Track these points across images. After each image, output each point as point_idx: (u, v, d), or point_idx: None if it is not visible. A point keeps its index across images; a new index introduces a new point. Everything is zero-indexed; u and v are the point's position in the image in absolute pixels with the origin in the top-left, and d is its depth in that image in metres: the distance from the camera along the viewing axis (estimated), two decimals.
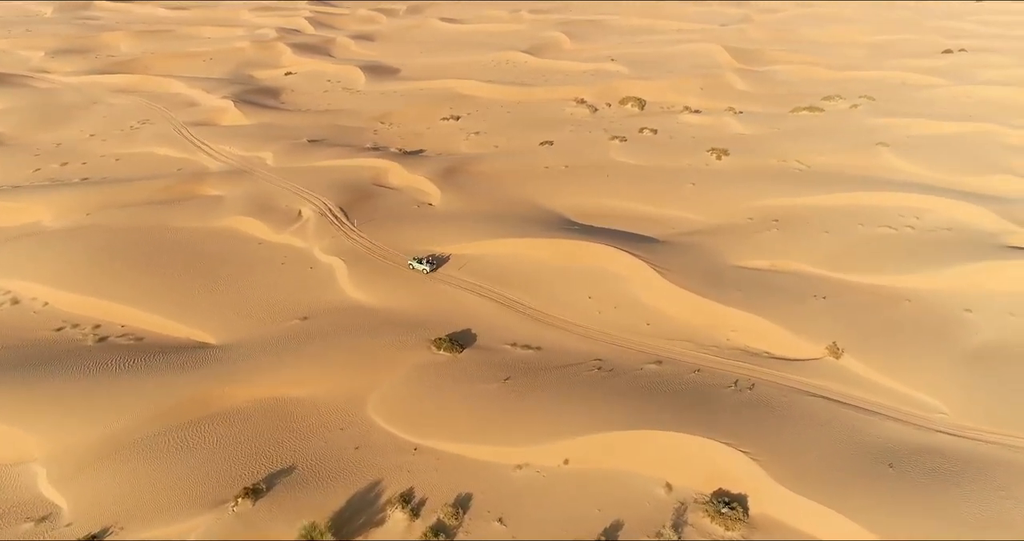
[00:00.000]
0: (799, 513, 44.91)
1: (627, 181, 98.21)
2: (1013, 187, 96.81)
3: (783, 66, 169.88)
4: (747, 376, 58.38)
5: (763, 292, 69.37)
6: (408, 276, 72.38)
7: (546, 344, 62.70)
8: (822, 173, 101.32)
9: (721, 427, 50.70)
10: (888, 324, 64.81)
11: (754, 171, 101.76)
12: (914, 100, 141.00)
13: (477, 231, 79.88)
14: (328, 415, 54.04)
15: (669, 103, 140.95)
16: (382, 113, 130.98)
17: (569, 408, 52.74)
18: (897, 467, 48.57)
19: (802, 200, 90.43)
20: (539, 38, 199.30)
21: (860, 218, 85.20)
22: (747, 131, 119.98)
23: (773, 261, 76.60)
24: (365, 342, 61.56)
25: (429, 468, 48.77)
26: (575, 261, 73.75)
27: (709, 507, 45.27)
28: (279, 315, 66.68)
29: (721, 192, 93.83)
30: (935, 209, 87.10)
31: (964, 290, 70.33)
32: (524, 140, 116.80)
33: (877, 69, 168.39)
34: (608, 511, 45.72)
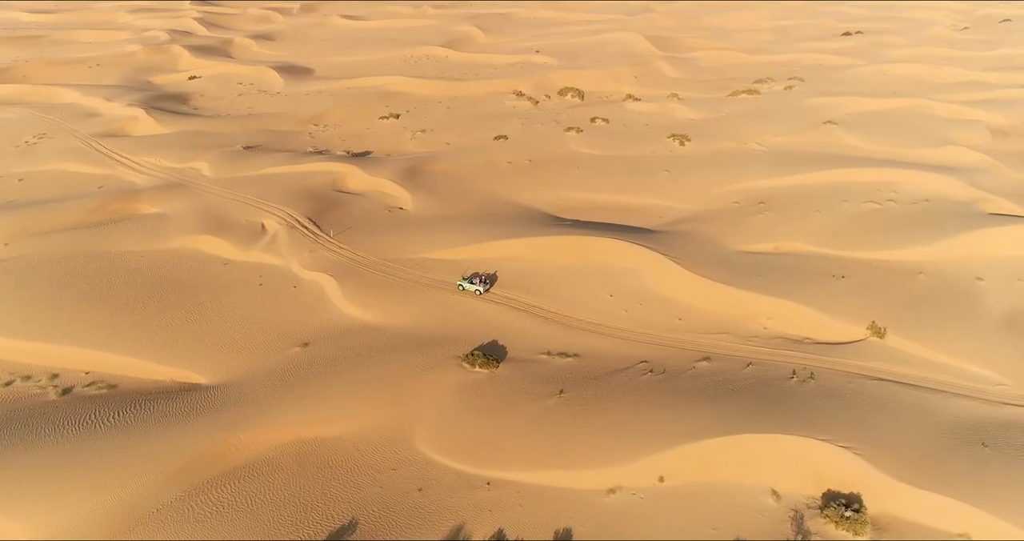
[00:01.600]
0: (924, 508, 42.15)
1: (598, 172, 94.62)
2: (964, 158, 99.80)
3: (702, 52, 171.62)
4: (802, 365, 55.60)
5: (781, 276, 67.19)
6: (407, 288, 65.62)
7: (583, 350, 57.85)
8: (784, 153, 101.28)
9: (806, 423, 47.43)
10: (914, 299, 63.93)
11: (720, 155, 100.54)
12: (839, 80, 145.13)
13: (467, 234, 73.83)
14: (372, 455, 47.01)
15: (607, 92, 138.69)
16: (313, 115, 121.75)
17: (644, 418, 48.13)
18: (991, 446, 46.88)
19: (779, 181, 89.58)
20: (452, 33, 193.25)
21: (842, 195, 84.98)
22: (696, 116, 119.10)
23: (776, 244, 74.88)
24: (386, 366, 54.64)
25: (512, 504, 42.89)
26: (583, 258, 69.15)
27: (830, 512, 41.75)
28: (274, 344, 58.56)
29: (697, 178, 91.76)
30: (907, 182, 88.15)
31: (969, 259, 70.69)
32: (475, 136, 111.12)
33: (789, 52, 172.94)
34: (724, 530, 41.44)
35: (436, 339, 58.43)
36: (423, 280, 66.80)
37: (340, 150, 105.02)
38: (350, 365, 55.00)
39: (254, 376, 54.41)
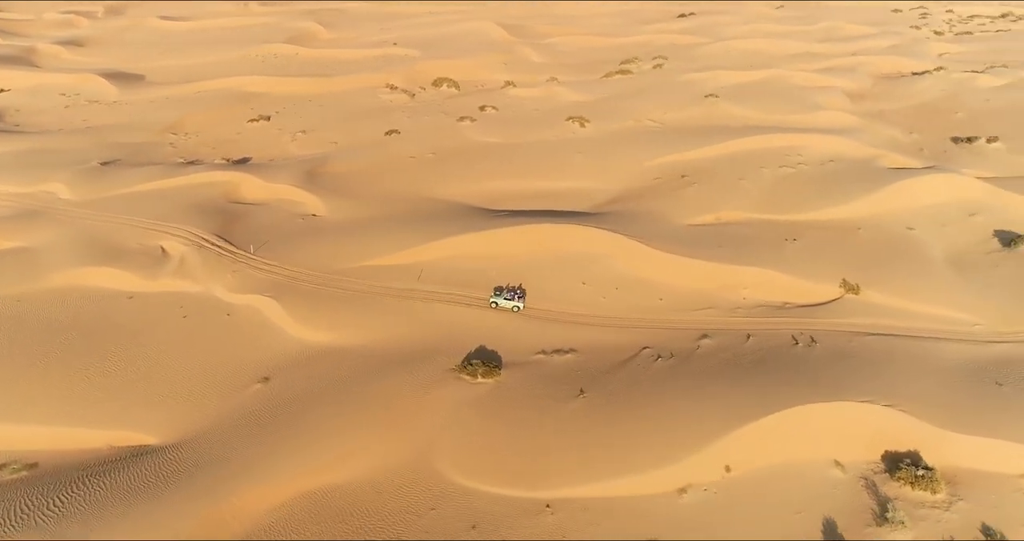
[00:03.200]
0: (979, 454, 42.16)
1: (511, 160, 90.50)
2: (840, 120, 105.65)
3: (558, 38, 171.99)
4: (797, 330, 54.98)
5: (740, 245, 66.74)
6: (363, 301, 58.22)
7: (577, 344, 53.81)
8: (682, 128, 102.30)
9: (838, 387, 46.39)
10: (867, 254, 65.55)
11: (623, 134, 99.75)
12: (697, 57, 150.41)
13: (405, 236, 67.12)
14: (399, 496, 40.24)
15: (482, 81, 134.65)
16: (168, 124, 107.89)
17: (682, 408, 44.88)
18: (1006, 384, 48.08)
19: (692, 154, 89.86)
20: (291, 30, 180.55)
21: (757, 162, 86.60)
22: (582, 98, 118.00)
23: (717, 214, 74.64)
24: (374, 391, 47.63)
25: (583, 523, 38.05)
26: (544, 248, 64.81)
27: (903, 474, 40.62)
28: (227, 384, 49.49)
29: (612, 157, 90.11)
30: (808, 146, 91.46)
31: (895, 212, 73.89)
32: (363, 133, 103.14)
33: (639, 34, 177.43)
34: (808, 512, 39.12)
35: (419, 353, 51.88)
36: (377, 290, 59.58)
37: (216, 158, 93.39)
38: (331, 396, 47.25)
39: (218, 425, 45.31)
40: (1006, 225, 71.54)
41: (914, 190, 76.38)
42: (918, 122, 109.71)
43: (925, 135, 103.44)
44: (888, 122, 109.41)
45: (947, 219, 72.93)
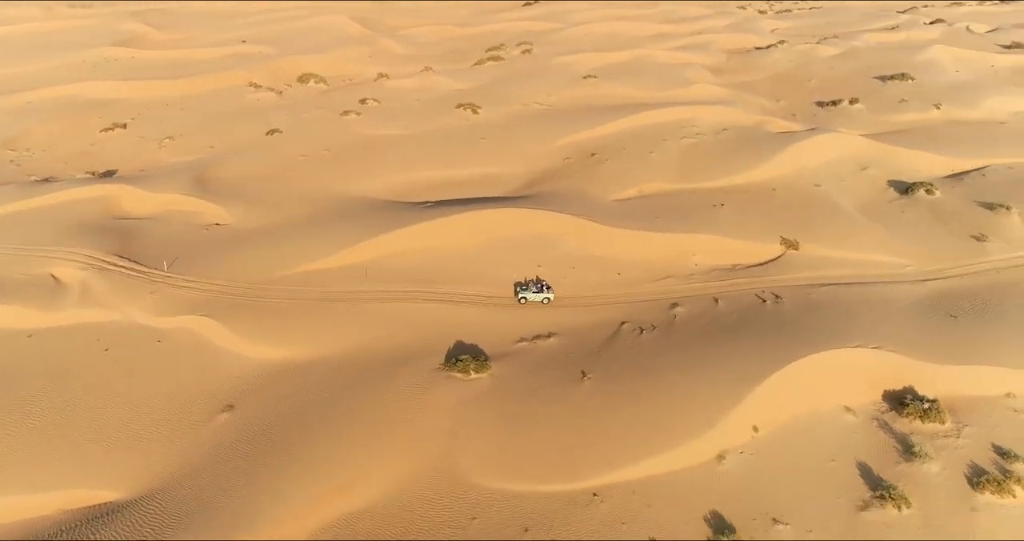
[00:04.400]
0: (966, 381, 44.84)
1: (413, 151, 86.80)
2: (715, 92, 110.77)
3: (415, 30, 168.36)
4: (759, 289, 56.37)
5: (673, 214, 67.49)
6: (313, 309, 53.07)
7: (555, 327, 52.04)
8: (572, 108, 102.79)
9: (824, 336, 47.70)
10: (790, 211, 68.39)
11: (517, 117, 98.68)
12: (560, 41, 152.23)
13: (333, 238, 62.10)
14: (432, 511, 36.61)
15: (351, 75, 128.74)
16: (3, 139, 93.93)
17: (693, 377, 44.25)
18: (959, 315, 51.52)
19: (594, 132, 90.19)
20: (117, 32, 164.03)
21: (659, 135, 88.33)
22: (463, 86, 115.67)
23: (639, 188, 75.21)
24: (362, 403, 43.34)
25: (637, 506, 36.36)
26: (490, 235, 62.15)
27: (911, 410, 42.31)
28: (184, 420, 43.18)
29: (516, 141, 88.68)
30: (699, 117, 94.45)
31: (798, 171, 77.80)
32: (240, 135, 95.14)
33: (493, 23, 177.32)
34: (841, 458, 39.90)
35: (396, 357, 47.81)
36: (324, 296, 54.50)
37: (77, 173, 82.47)
38: (316, 415, 42.32)
39: (193, 467, 39.24)
40: (895, 175, 77.28)
41: (809, 150, 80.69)
42: (779, 90, 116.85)
43: (791, 102, 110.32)
44: (754, 92, 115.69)
45: (845, 174, 77.68)
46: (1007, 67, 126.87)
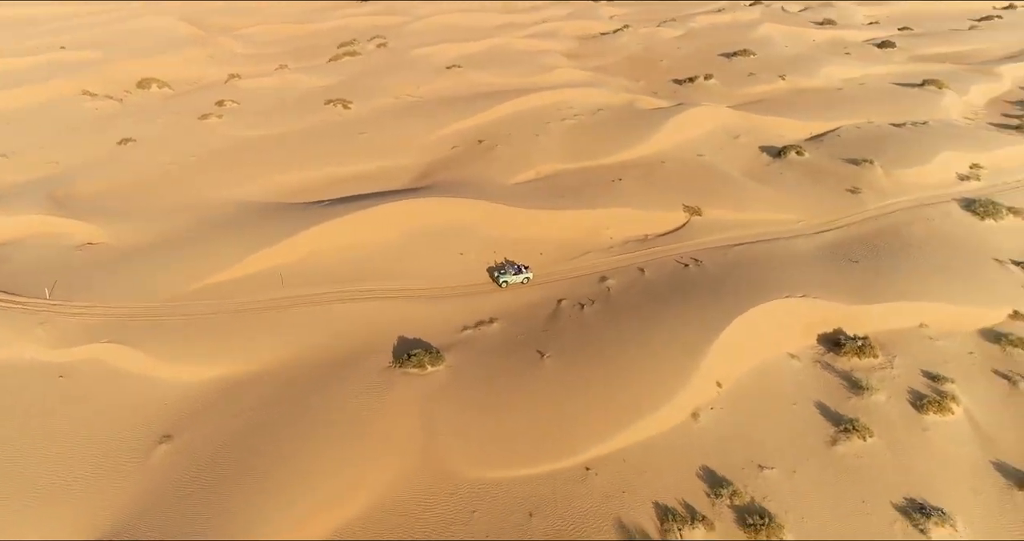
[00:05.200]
0: (885, 317, 48.52)
1: (291, 149, 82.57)
2: (575, 75, 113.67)
3: (252, 29, 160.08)
4: (678, 255, 58.33)
5: (576, 192, 68.46)
6: (236, 322, 48.90)
7: (494, 312, 51.33)
8: (444, 98, 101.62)
9: (754, 291, 50.05)
10: (683, 180, 71.35)
11: (392, 110, 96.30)
12: (412, 34, 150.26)
13: (232, 247, 57.55)
14: (429, 511, 34.76)
15: (196, 77, 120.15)
16: None
17: (648, 344, 44.84)
18: (860, 260, 55.86)
19: (475, 120, 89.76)
20: None
21: (539, 119, 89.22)
22: (325, 82, 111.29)
23: (535, 170, 75.66)
24: (319, 413, 40.43)
25: (631, 473, 36.44)
26: (404, 227, 59.99)
27: (848, 349, 45.34)
28: (117, 461, 38.32)
29: (397, 133, 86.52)
30: (573, 99, 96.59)
31: (680, 143, 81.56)
32: (87, 147, 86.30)
33: (333, 19, 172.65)
34: (801, 401, 42.11)
35: (340, 361, 44.98)
36: (243, 307, 50.31)
37: None
38: (272, 433, 38.89)
39: (140, 508, 34.80)
40: (765, 141, 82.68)
41: (686, 124, 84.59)
42: (635, 71, 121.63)
43: (649, 81, 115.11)
44: (613, 74, 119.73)
45: (721, 143, 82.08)
46: (825, 41, 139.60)
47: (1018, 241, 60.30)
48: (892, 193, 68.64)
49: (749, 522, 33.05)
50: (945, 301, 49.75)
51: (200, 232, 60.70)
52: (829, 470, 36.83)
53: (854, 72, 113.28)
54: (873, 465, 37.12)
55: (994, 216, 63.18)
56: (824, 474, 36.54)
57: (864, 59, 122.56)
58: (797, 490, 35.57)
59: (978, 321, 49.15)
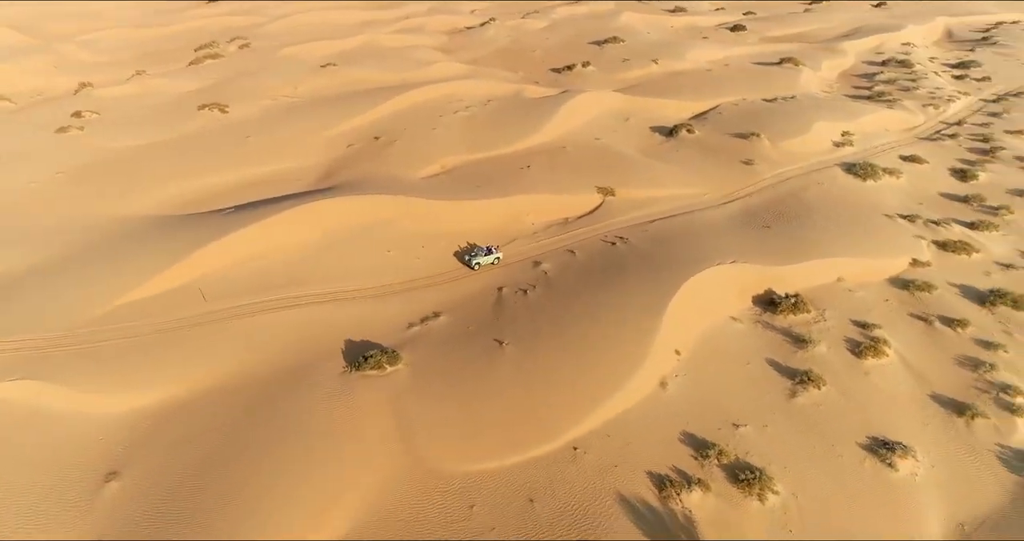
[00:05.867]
0: (806, 274, 51.79)
1: (174, 158, 76.86)
2: (454, 69, 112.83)
3: (94, 34, 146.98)
4: (602, 235, 59.34)
5: (489, 181, 68.21)
6: (161, 341, 44.98)
7: (437, 306, 50.25)
8: (325, 97, 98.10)
9: (683, 262, 51.93)
10: (589, 163, 72.71)
11: (274, 111, 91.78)
12: (274, 34, 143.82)
13: (139, 264, 52.82)
14: (425, 513, 33.58)
15: (39, 88, 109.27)
16: None
17: (602, 321, 45.37)
18: (770, 225, 59.36)
19: (366, 117, 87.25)
20: None
21: (432, 113, 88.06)
22: (194, 86, 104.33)
23: (440, 163, 74.66)
24: (285, 429, 38.06)
25: (618, 446, 36.90)
26: (324, 229, 57.34)
27: (783, 307, 48.03)
28: (59, 507, 34.37)
29: (287, 135, 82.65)
30: (462, 91, 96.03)
31: (576, 128, 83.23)
32: None
33: (184, 22, 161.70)
34: (754, 360, 44.16)
35: (290, 372, 42.46)
36: (166, 326, 46.34)
37: None
38: (237, 453, 36.16)
39: None
40: (653, 122, 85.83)
41: (578, 110, 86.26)
42: (511, 62, 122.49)
43: (528, 71, 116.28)
44: (490, 66, 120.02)
45: (614, 126, 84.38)
46: (682, 26, 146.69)
47: (898, 197, 65.98)
48: (781, 162, 73.05)
49: (741, 478, 34.16)
50: (854, 256, 53.63)
51: (97, 252, 55.29)
52: (795, 420, 38.74)
53: (717, 55, 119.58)
54: (832, 411, 39.41)
55: (873, 177, 68.67)
56: (792, 425, 38.40)
57: (722, 42, 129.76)
58: (772, 443, 37.15)
59: (885, 271, 53.32)
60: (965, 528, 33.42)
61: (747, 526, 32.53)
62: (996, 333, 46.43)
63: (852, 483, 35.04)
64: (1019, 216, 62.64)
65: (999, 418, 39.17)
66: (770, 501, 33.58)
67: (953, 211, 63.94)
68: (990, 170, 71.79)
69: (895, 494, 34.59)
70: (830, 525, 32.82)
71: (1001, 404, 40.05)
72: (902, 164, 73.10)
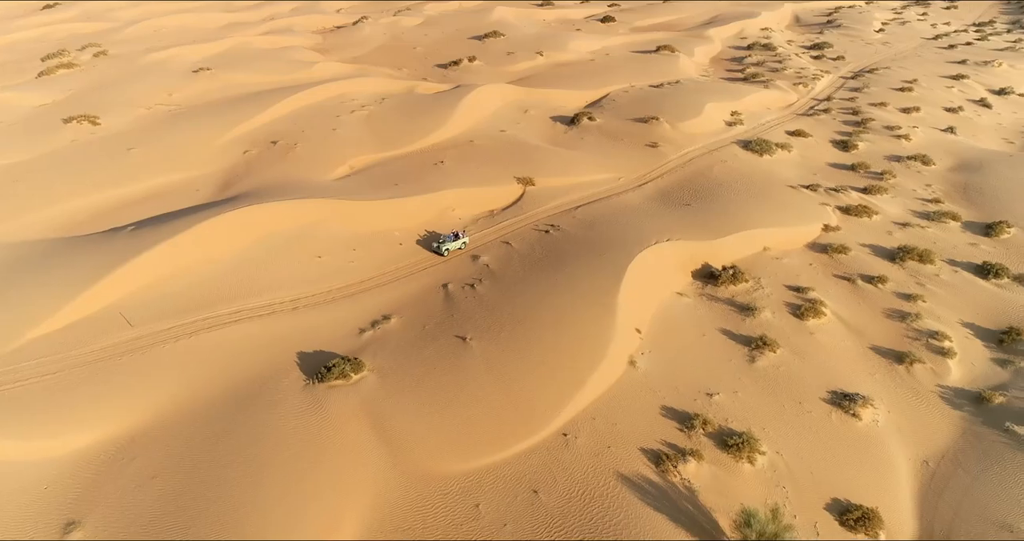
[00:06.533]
0: (739, 246, 54.64)
1: (48, 177, 69.66)
2: (337, 68, 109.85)
3: None
4: (533, 224, 59.61)
5: (405, 179, 66.81)
6: (93, 374, 40.87)
7: (385, 308, 48.66)
8: (206, 103, 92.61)
9: (620, 242, 53.14)
10: (500, 155, 72.68)
11: (152, 121, 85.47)
12: (132, 40, 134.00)
13: (36, 296, 47.72)
14: (430, 518, 32.47)
15: None
16: None
17: (559, 308, 45.54)
18: (690, 203, 61.86)
19: (256, 121, 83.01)
20: None
21: (328, 113, 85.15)
22: (49, 100, 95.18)
23: (348, 164, 72.40)
24: (258, 450, 35.79)
25: (606, 427, 37.26)
26: (247, 238, 53.97)
27: (724, 279, 50.03)
28: None
29: (173, 145, 77.16)
30: (350, 90, 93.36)
31: (478, 122, 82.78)
32: None
33: (22, 30, 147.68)
34: (709, 332, 45.78)
35: (243, 390, 39.81)
36: (93, 357, 42.06)
37: None
38: (208, 484, 33.56)
39: None
40: (553, 112, 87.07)
41: (476, 103, 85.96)
42: (394, 60, 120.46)
43: (413, 68, 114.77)
44: (373, 64, 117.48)
45: (515, 117, 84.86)
46: (555, 19, 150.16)
47: (794, 169, 70.37)
48: (683, 144, 76.03)
49: (730, 443, 35.33)
50: (774, 226, 56.74)
51: (8, 274, 49.46)
52: (760, 383, 40.52)
53: (595, 45, 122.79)
54: (790, 371, 41.53)
55: (768, 152, 72.85)
56: (758, 388, 40.14)
57: (597, 33, 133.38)
58: (746, 407, 38.69)
59: (803, 238, 56.77)
60: (929, 464, 36.08)
61: (743, 488, 33.67)
62: (911, 285, 50.48)
63: (825, 436, 37.05)
64: (901, 179, 68.33)
65: (933, 362, 42.62)
66: (759, 462, 34.89)
67: (845, 179, 68.84)
68: (866, 140, 77.87)
69: (864, 442, 36.89)
70: (816, 478, 34.55)
71: (933, 349, 43.58)
72: (790, 139, 77.92)
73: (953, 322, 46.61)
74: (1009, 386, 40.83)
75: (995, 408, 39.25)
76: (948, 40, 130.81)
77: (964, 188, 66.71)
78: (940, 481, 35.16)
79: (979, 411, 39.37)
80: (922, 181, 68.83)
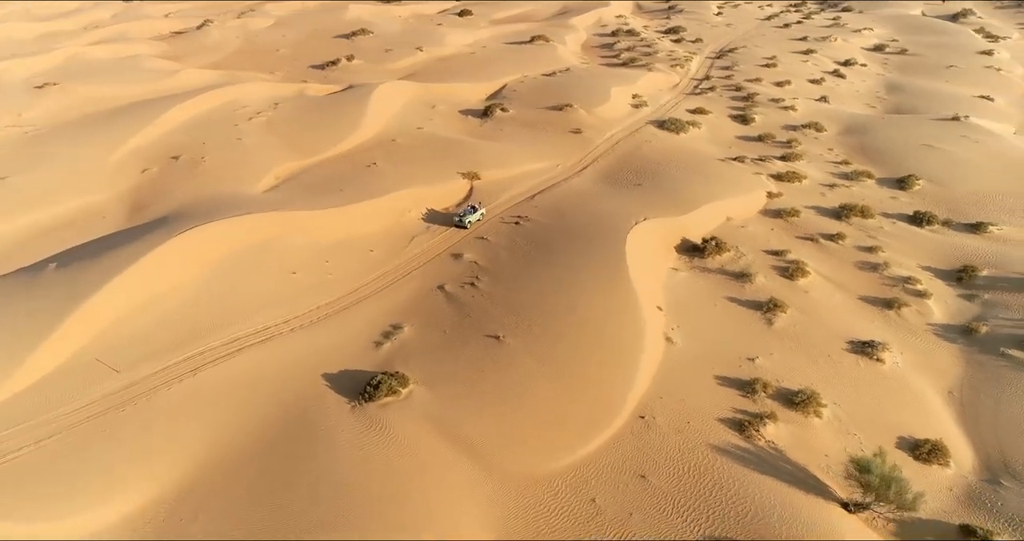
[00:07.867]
0: (707, 217, 57.10)
1: None
2: (205, 76, 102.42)
3: None
4: (497, 216, 58.95)
5: (347, 183, 63.40)
6: (91, 433, 35.62)
7: (393, 318, 46.14)
8: (71, 121, 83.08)
9: (606, 225, 53.87)
10: (430, 151, 71.02)
11: (17, 144, 75.44)
12: None
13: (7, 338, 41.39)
14: (559, 521, 31.63)
15: None
16: None
17: (569, 294, 45.51)
18: (641, 183, 63.69)
19: (143, 137, 75.55)
20: None
21: (224, 120, 79.24)
22: None
23: (274, 173, 67.79)
24: (326, 489, 33.05)
25: (675, 405, 37.66)
26: (212, 259, 49.02)
27: (710, 251, 52.03)
28: None
29: (55, 169, 68.54)
30: (241, 96, 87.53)
31: (393, 121, 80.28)
32: None
33: None
34: (718, 301, 47.43)
35: (282, 425, 36.34)
36: (86, 414, 36.51)
37: None
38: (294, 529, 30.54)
39: None
40: (458, 105, 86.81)
41: (382, 102, 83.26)
42: (260, 63, 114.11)
43: (286, 70, 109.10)
44: (238, 68, 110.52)
45: (426, 114, 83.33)
46: (411, 16, 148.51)
47: (711, 145, 74.39)
48: (603, 128, 77.90)
49: (796, 401, 37.05)
50: (728, 197, 59.83)
51: None
52: (786, 343, 42.69)
53: (468, 39, 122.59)
54: (807, 328, 44.08)
55: (682, 130, 76.46)
56: (787, 347, 42.28)
57: (462, 26, 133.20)
58: (786, 366, 40.63)
59: (755, 206, 60.27)
60: (954, 394, 39.76)
61: (820, 441, 35.40)
62: (865, 239, 55.15)
63: (863, 382, 39.74)
64: (807, 146, 74.25)
65: (917, 304, 46.93)
66: (824, 415, 36.78)
67: (758, 150, 73.63)
68: (760, 113, 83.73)
69: (895, 382, 39.97)
70: (876, 421, 36.98)
71: (911, 292, 47.95)
72: (695, 117, 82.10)
73: (914, 267, 51.44)
74: (986, 316, 45.76)
75: (984, 337, 43.86)
76: (779, 20, 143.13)
77: (862, 149, 73.59)
78: (971, 408, 38.79)
79: (972, 341, 43.81)
80: (823, 146, 75.09)
